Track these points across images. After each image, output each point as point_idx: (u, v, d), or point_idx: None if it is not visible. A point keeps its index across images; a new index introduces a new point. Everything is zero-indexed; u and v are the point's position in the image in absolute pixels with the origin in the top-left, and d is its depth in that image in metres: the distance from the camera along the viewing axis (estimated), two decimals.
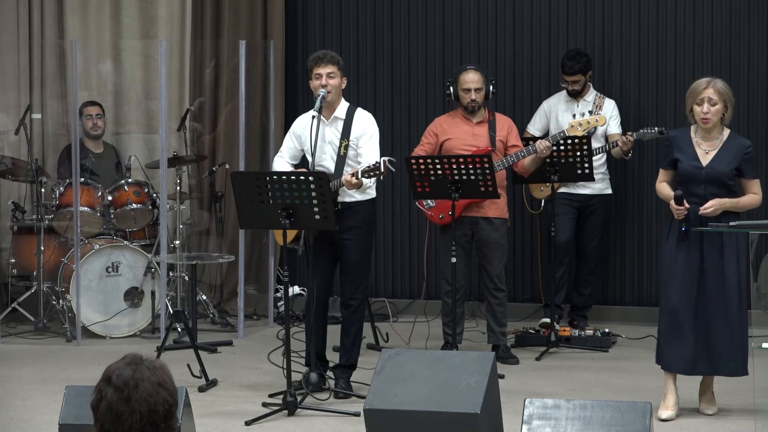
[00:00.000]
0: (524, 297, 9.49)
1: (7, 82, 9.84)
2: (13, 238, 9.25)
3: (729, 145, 6.52)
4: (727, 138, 6.54)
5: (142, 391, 3.01)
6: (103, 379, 3.07)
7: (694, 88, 6.52)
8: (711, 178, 6.47)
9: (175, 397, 3.08)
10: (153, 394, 3.03)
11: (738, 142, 6.57)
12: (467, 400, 5.15)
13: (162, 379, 3.06)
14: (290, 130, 7.33)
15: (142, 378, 3.03)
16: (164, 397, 3.05)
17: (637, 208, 9.25)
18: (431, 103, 9.51)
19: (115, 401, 3.01)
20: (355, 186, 6.83)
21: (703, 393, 6.71)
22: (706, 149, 6.52)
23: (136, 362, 3.07)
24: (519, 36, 9.43)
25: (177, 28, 9.94)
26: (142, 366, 3.06)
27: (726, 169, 6.47)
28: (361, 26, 9.72)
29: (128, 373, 3.04)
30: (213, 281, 9.76)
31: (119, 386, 3.02)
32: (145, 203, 9.06)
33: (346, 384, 7.14)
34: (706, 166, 6.48)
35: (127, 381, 3.02)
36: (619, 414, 4.84)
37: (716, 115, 6.45)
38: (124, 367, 3.06)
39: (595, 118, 8.08)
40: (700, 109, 6.45)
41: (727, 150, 6.50)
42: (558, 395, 6.78)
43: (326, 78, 7.08)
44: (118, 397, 3.01)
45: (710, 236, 6.47)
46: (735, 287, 6.49)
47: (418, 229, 9.55)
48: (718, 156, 6.50)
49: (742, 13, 9.03)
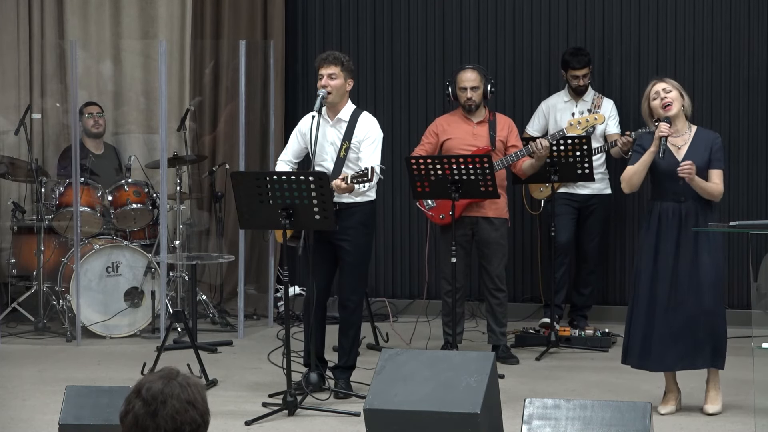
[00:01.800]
0: (524, 297, 9.50)
1: (7, 82, 9.84)
2: (13, 238, 9.25)
3: (699, 139, 6.55)
4: (695, 132, 6.58)
5: (170, 408, 2.93)
6: (134, 390, 2.98)
7: (645, 92, 6.62)
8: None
9: (206, 417, 2.98)
10: (181, 412, 2.94)
11: (708, 134, 6.62)
12: (467, 400, 5.15)
13: (193, 397, 2.97)
14: (296, 128, 7.32)
15: (171, 394, 2.94)
16: (193, 416, 2.95)
17: (637, 208, 9.25)
18: (431, 103, 9.51)
19: (141, 415, 2.93)
20: (345, 190, 6.83)
21: (707, 391, 6.70)
22: (678, 145, 6.55)
23: (170, 377, 2.98)
24: (519, 36, 9.43)
25: (177, 28, 9.95)
26: (175, 382, 2.97)
27: (701, 162, 6.49)
28: (361, 26, 9.72)
29: (158, 387, 2.95)
30: (213, 281, 9.76)
31: (148, 400, 2.94)
32: (145, 203, 9.06)
33: (346, 384, 7.15)
34: (682, 160, 6.50)
35: (156, 395, 2.94)
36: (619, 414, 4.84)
37: (676, 102, 6.49)
38: (156, 380, 2.97)
39: (594, 117, 8.07)
40: (658, 99, 6.52)
41: (698, 143, 6.53)
42: (558, 395, 6.78)
43: (327, 79, 7.07)
44: (145, 411, 2.93)
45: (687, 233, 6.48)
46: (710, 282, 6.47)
47: (418, 229, 9.56)
48: (691, 150, 6.52)
49: (742, 12, 9.03)
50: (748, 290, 8.61)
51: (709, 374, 6.67)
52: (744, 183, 9.03)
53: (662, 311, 6.51)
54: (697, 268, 6.48)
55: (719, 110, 9.05)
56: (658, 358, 6.56)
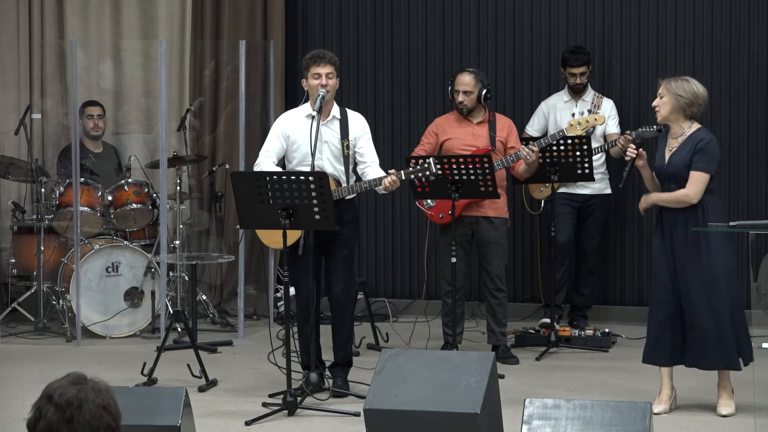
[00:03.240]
0: (524, 297, 9.50)
1: (7, 82, 9.84)
2: (13, 238, 9.25)
3: (688, 140, 6.53)
4: (691, 133, 6.54)
5: (86, 413, 2.83)
6: (44, 396, 2.88)
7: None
8: (670, 174, 6.52)
9: (119, 422, 2.89)
10: (97, 417, 2.84)
11: (697, 135, 6.54)
12: (467, 400, 5.15)
13: (107, 402, 2.88)
14: (275, 128, 7.25)
15: (86, 399, 2.85)
16: (107, 421, 2.87)
17: (637, 208, 9.23)
18: (431, 103, 9.51)
19: (56, 421, 2.83)
20: (395, 187, 6.90)
21: (719, 393, 6.69)
22: (671, 147, 6.57)
23: (81, 382, 2.89)
24: (519, 36, 9.43)
25: (177, 28, 9.95)
26: (87, 386, 2.88)
27: (680, 164, 6.49)
28: (361, 26, 9.72)
29: (72, 392, 2.86)
30: (213, 281, 9.76)
31: (62, 405, 2.84)
32: (145, 203, 9.06)
33: (344, 382, 7.14)
34: (666, 163, 6.52)
35: (71, 401, 2.84)
36: (619, 414, 4.84)
37: (663, 107, 6.50)
38: (68, 386, 2.88)
39: (594, 117, 8.08)
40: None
41: (686, 144, 6.52)
42: (558, 395, 6.78)
43: (326, 78, 7.08)
44: (60, 417, 2.83)
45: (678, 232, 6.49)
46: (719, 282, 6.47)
47: (418, 229, 9.55)
48: (676, 152, 6.53)
49: (742, 12, 9.03)
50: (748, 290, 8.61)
51: (720, 376, 6.66)
52: (744, 183, 9.02)
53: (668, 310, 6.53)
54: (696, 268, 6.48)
55: (719, 110, 9.04)
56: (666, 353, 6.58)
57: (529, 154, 7.80)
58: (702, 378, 6.91)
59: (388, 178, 6.85)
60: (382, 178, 6.91)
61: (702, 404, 6.81)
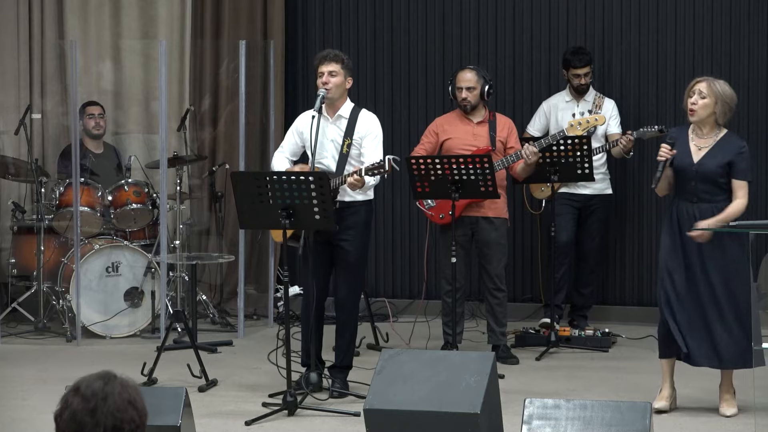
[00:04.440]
0: (524, 297, 9.49)
1: (7, 82, 9.84)
2: (13, 238, 9.25)
3: (722, 144, 6.52)
4: (722, 137, 6.55)
5: (111, 405, 2.85)
6: (72, 389, 2.90)
7: (691, 83, 6.57)
8: (701, 174, 6.48)
9: (144, 419, 2.91)
10: (121, 410, 2.86)
11: (733, 141, 6.57)
12: (467, 400, 5.15)
13: (133, 397, 2.90)
14: (293, 126, 7.33)
15: (112, 392, 2.87)
16: (132, 416, 2.88)
17: (637, 208, 9.25)
18: (431, 103, 9.51)
19: (80, 411, 2.84)
20: (358, 185, 6.83)
21: (721, 394, 6.69)
22: (699, 146, 6.54)
23: (109, 377, 2.92)
24: (519, 36, 9.43)
25: (177, 28, 9.95)
26: (115, 381, 2.90)
27: (716, 166, 6.47)
28: (361, 26, 9.72)
29: (99, 385, 2.88)
30: (213, 281, 9.76)
31: (87, 396, 2.85)
32: (145, 203, 9.05)
33: (343, 383, 7.14)
34: (697, 162, 6.50)
35: (96, 392, 2.86)
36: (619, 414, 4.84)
37: (704, 109, 6.46)
38: (96, 379, 2.90)
39: (595, 117, 8.07)
40: (690, 100, 6.50)
41: (720, 148, 6.51)
42: (558, 395, 6.78)
43: (327, 76, 7.07)
44: (84, 407, 2.84)
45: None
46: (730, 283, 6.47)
47: (418, 229, 9.55)
48: (710, 153, 6.50)
49: (742, 13, 9.03)
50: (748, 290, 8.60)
51: (723, 376, 6.66)
52: None
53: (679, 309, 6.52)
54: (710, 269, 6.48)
55: None
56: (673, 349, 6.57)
57: (531, 153, 7.79)
58: (702, 378, 6.91)
59: (350, 178, 6.84)
60: (347, 176, 6.89)
61: (702, 404, 6.81)
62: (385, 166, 6.73)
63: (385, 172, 6.76)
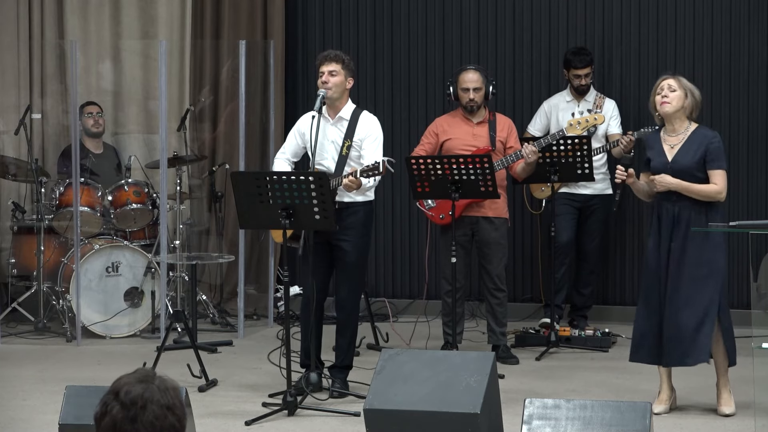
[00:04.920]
0: (524, 297, 9.49)
1: (7, 82, 9.84)
2: (13, 238, 9.25)
3: (694, 138, 6.53)
4: (693, 131, 6.56)
5: (150, 414, 2.86)
6: (111, 392, 2.91)
7: (656, 84, 6.60)
8: (676, 172, 6.49)
9: (184, 422, 2.92)
10: (161, 418, 2.87)
11: (703, 133, 6.57)
12: (467, 400, 5.15)
13: (172, 402, 2.90)
14: (295, 127, 7.33)
15: (151, 399, 2.87)
16: (172, 422, 2.89)
17: (637, 208, 9.24)
18: (431, 103, 9.51)
19: (120, 419, 2.86)
20: (354, 186, 6.83)
21: (719, 392, 6.69)
22: (672, 144, 6.55)
23: (148, 380, 2.91)
24: (519, 36, 9.43)
25: (177, 28, 9.95)
26: (153, 385, 2.90)
27: (690, 161, 6.49)
28: (361, 26, 9.72)
29: (138, 391, 2.87)
30: (213, 281, 9.76)
31: (126, 404, 2.86)
32: (145, 203, 9.06)
33: (343, 383, 7.14)
34: (671, 160, 6.51)
35: (135, 400, 2.86)
36: (619, 414, 4.84)
37: (676, 101, 6.47)
38: (135, 383, 2.89)
39: (594, 117, 8.07)
40: (660, 96, 6.51)
41: (692, 142, 6.52)
42: (558, 395, 6.78)
43: (328, 75, 7.07)
44: (124, 416, 2.86)
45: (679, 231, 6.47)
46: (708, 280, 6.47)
47: (418, 229, 9.56)
48: (683, 149, 6.52)
49: (742, 13, 9.03)
50: (748, 290, 8.61)
51: (718, 376, 6.66)
52: (744, 183, 9.02)
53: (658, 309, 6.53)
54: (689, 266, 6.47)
55: (719, 110, 9.04)
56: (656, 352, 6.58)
57: (531, 153, 7.79)
58: (702, 378, 6.91)
59: (346, 179, 6.84)
60: (343, 178, 6.89)
61: (702, 404, 6.81)
62: (379, 168, 6.73)
63: (380, 174, 6.76)
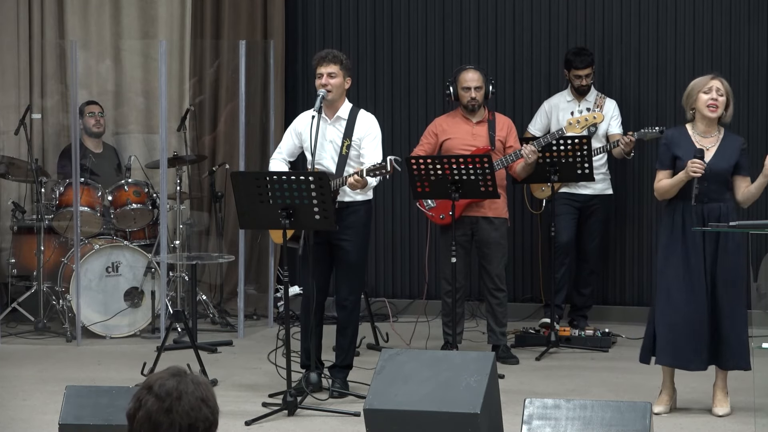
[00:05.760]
0: (524, 297, 9.49)
1: (7, 82, 9.84)
2: (13, 238, 9.25)
3: (727, 142, 6.55)
4: (724, 135, 6.57)
5: (185, 404, 2.89)
6: (144, 387, 2.92)
7: (699, 81, 6.54)
8: (713, 174, 6.47)
9: (217, 416, 2.96)
10: (195, 409, 2.90)
11: (734, 138, 6.62)
12: (467, 400, 5.15)
13: (205, 395, 2.94)
14: (291, 127, 7.33)
15: (186, 391, 2.90)
16: (206, 414, 2.93)
17: (637, 208, 9.25)
18: (431, 103, 9.51)
19: (155, 411, 2.88)
20: (359, 186, 6.82)
21: (715, 393, 6.68)
22: (706, 146, 6.51)
23: (181, 374, 2.94)
24: (519, 36, 9.43)
25: (177, 28, 9.95)
26: (187, 379, 2.93)
27: (726, 165, 6.50)
28: (361, 26, 9.72)
29: (172, 384, 2.90)
30: (213, 281, 9.76)
31: (161, 396, 2.88)
32: (145, 203, 9.06)
33: (343, 383, 7.15)
34: (709, 162, 6.47)
35: (170, 392, 2.89)
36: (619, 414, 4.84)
37: (722, 107, 6.47)
38: (168, 377, 2.93)
39: (593, 115, 8.06)
40: (709, 96, 6.45)
41: (726, 147, 6.53)
42: (558, 395, 6.78)
43: (327, 77, 7.07)
44: (159, 407, 2.88)
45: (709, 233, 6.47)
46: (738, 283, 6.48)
47: (418, 229, 9.55)
48: (719, 152, 6.50)
49: (742, 13, 9.03)
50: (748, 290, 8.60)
51: (717, 376, 6.66)
52: None
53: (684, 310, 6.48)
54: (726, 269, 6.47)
55: None
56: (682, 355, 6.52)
57: (531, 152, 7.80)
58: (702, 378, 6.90)
59: (351, 178, 6.84)
60: (347, 177, 6.89)
61: (702, 404, 6.81)
62: (387, 167, 6.73)
63: (387, 172, 6.76)
